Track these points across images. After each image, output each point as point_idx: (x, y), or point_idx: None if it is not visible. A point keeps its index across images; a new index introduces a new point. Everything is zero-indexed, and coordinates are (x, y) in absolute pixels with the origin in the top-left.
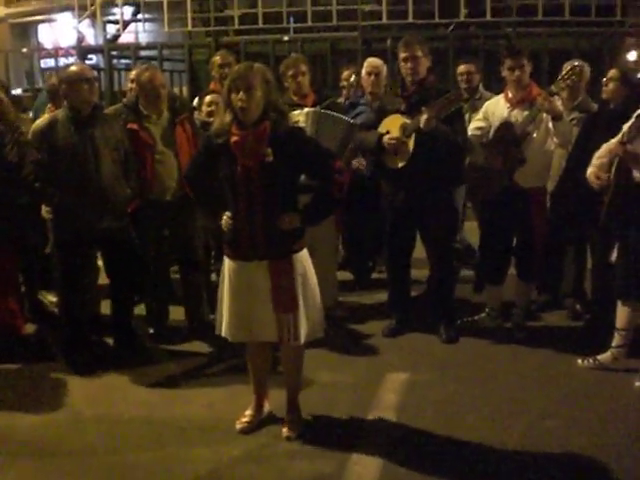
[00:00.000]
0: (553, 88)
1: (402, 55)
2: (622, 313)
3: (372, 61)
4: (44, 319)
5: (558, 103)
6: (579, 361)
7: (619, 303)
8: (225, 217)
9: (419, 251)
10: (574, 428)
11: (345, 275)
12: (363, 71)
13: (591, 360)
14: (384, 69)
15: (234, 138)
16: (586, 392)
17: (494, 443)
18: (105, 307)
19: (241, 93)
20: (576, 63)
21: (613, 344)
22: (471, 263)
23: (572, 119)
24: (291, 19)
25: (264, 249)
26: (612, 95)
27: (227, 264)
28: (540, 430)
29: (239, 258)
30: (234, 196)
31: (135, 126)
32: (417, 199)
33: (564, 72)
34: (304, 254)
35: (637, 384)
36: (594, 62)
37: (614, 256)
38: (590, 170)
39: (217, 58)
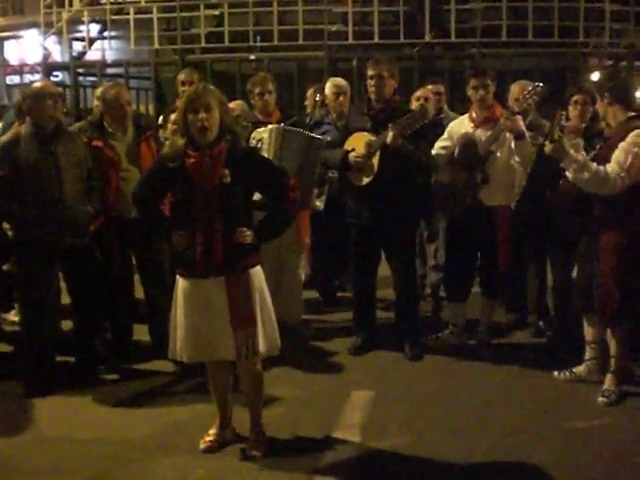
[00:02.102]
0: (515, 108)
1: (369, 73)
2: (587, 326)
3: (336, 81)
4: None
5: (521, 123)
6: (555, 373)
7: (583, 317)
8: (178, 236)
9: (384, 269)
10: (538, 444)
11: (311, 294)
12: (328, 91)
13: (567, 372)
14: (348, 88)
15: (190, 160)
16: (550, 408)
17: (459, 460)
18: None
19: (202, 113)
20: (540, 85)
21: (586, 357)
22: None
23: None
24: (257, 38)
25: (221, 265)
26: (580, 117)
27: (181, 284)
28: (505, 446)
29: (194, 276)
30: (190, 217)
31: (100, 143)
32: (381, 216)
33: (525, 92)
34: (259, 270)
35: (600, 399)
36: (557, 82)
37: (575, 272)
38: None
39: (181, 75)
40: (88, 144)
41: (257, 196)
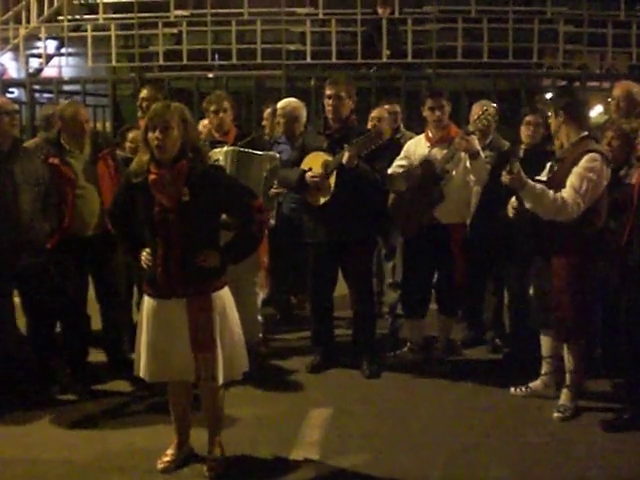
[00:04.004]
0: (470, 128)
1: (327, 93)
2: (544, 342)
3: (282, 104)
4: None
5: (475, 142)
6: (512, 389)
7: (540, 332)
8: (144, 254)
9: (343, 288)
10: (494, 460)
11: (269, 312)
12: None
13: (524, 388)
14: (296, 110)
15: (152, 176)
16: (506, 424)
17: (416, 476)
18: None
19: (157, 132)
20: (493, 105)
21: (542, 372)
22: None
23: (485, 157)
24: (216, 56)
25: (182, 287)
26: (531, 137)
27: (146, 302)
28: (462, 462)
29: (158, 296)
30: (152, 234)
31: (56, 161)
32: (338, 235)
33: (480, 113)
34: (225, 292)
35: (555, 415)
36: (512, 102)
37: (531, 289)
38: (510, 202)
39: (144, 92)
40: (45, 161)
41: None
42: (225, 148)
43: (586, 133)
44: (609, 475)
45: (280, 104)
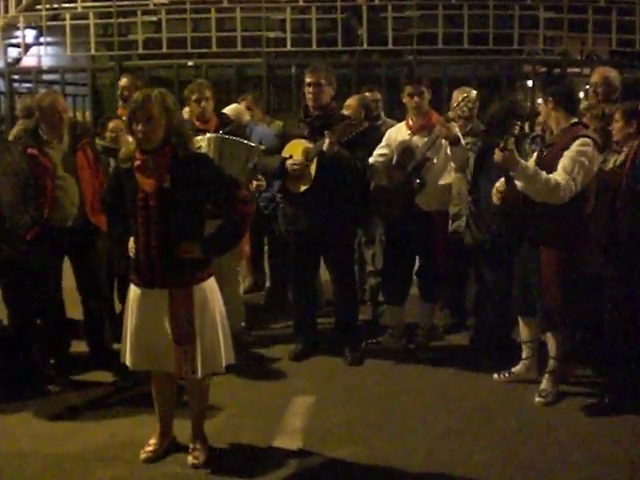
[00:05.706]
0: (450, 114)
1: (307, 80)
2: (523, 326)
3: (227, 111)
4: None
5: (456, 129)
6: (495, 376)
7: (519, 318)
8: (130, 242)
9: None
10: (476, 445)
11: (252, 300)
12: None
13: (506, 374)
14: (240, 115)
15: (137, 162)
16: (488, 409)
17: (399, 463)
18: None
19: (140, 125)
20: (474, 92)
21: (523, 356)
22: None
23: (466, 144)
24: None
25: (163, 277)
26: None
27: (132, 291)
28: (444, 448)
29: (141, 285)
30: (135, 220)
31: (35, 151)
32: (319, 223)
33: (460, 100)
34: (208, 284)
35: (537, 399)
36: (493, 89)
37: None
38: (495, 186)
39: (122, 81)
40: (23, 152)
41: None
42: (208, 135)
43: (576, 120)
44: (591, 459)
45: (225, 110)
